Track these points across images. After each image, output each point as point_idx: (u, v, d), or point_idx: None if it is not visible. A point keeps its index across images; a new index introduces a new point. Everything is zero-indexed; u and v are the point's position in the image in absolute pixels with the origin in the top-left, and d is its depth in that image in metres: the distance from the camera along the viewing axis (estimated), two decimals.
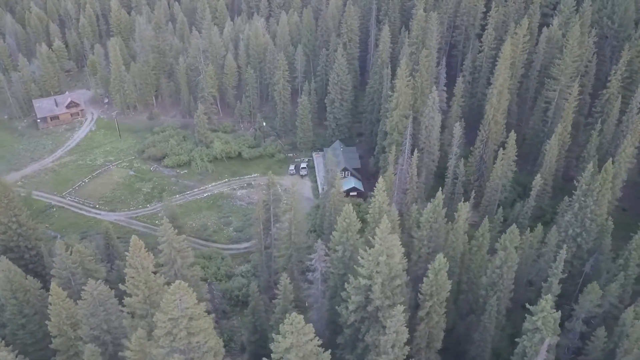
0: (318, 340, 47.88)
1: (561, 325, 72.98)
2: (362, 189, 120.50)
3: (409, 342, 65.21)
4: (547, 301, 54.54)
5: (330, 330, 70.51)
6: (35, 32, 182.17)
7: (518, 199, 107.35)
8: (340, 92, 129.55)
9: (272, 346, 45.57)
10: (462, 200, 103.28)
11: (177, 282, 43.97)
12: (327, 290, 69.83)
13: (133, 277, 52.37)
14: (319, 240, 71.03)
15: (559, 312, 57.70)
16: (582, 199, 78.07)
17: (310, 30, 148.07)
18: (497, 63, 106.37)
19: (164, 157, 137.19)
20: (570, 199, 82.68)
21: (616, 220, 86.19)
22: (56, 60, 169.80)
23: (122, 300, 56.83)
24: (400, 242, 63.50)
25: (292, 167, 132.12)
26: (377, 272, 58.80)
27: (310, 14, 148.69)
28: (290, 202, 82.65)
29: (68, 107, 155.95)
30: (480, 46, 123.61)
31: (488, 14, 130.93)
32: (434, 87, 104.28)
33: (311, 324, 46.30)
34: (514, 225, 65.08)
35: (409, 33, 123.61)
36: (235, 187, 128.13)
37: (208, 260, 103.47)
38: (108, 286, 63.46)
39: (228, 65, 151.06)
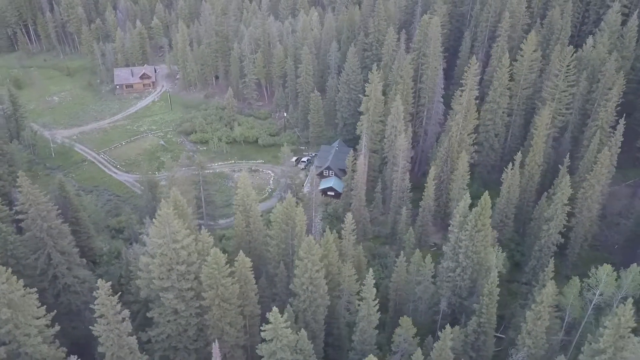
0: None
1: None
2: (340, 190, 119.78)
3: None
4: (276, 316, 53.29)
5: None
6: (143, 9, 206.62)
7: None
8: (349, 92, 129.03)
9: None
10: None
11: None
12: None
13: None
14: (147, 217, 75.45)
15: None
16: (456, 232, 71.67)
17: (350, 27, 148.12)
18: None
19: (192, 133, 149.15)
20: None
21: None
22: (147, 36, 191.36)
23: None
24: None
25: (293, 159, 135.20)
26: (161, 254, 62.05)
27: (354, 10, 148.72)
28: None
29: (141, 77, 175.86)
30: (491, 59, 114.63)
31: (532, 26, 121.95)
32: (398, 96, 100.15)
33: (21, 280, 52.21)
34: (310, 237, 62.71)
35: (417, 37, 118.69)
36: (236, 169, 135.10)
37: None
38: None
39: (276, 55, 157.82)
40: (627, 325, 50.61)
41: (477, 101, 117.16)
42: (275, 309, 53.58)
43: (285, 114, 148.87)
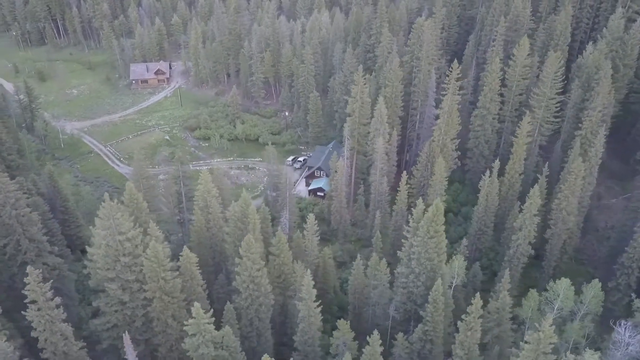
0: None
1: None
2: None
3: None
4: (198, 311, 53.88)
5: None
6: (165, 6, 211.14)
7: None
8: (346, 93, 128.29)
9: None
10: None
11: None
12: None
13: None
14: None
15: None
16: (409, 237, 70.62)
17: (356, 28, 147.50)
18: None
19: (197, 129, 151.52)
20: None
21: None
22: (165, 32, 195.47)
23: None
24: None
25: (290, 158, 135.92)
26: (106, 245, 63.61)
27: (360, 11, 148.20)
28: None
29: (156, 73, 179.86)
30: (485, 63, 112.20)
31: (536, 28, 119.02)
32: (381, 98, 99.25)
33: None
34: (249, 236, 62.77)
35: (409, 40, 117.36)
36: (233, 166, 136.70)
37: None
38: None
39: (284, 54, 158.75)
40: (549, 341, 48.90)
41: (472, 107, 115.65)
42: (197, 304, 54.18)
43: (286, 113, 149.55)
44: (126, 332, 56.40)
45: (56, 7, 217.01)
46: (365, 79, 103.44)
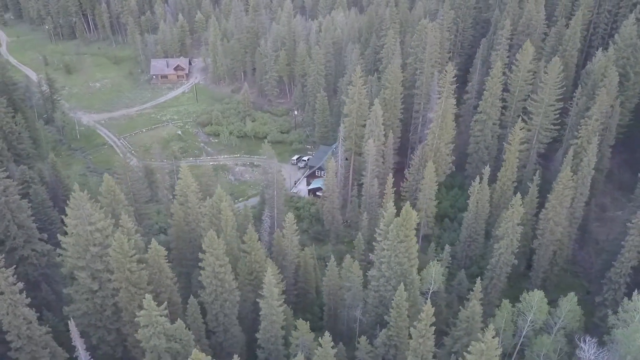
0: None
1: None
2: None
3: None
4: (150, 302, 54.66)
5: None
6: (190, 3, 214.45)
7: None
8: None
9: None
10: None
11: None
12: None
13: None
14: None
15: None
16: (379, 240, 69.85)
17: (369, 28, 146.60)
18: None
19: (208, 125, 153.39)
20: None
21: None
22: (188, 29, 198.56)
23: None
24: None
25: (294, 157, 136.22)
26: (76, 234, 65.20)
27: (372, 12, 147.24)
28: None
29: (175, 69, 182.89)
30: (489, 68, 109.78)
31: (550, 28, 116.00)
32: (376, 100, 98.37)
33: None
34: (211, 232, 63.12)
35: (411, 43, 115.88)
36: (239, 162, 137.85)
37: None
38: None
39: (299, 53, 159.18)
40: (493, 352, 47.63)
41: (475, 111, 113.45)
42: (148, 296, 54.93)
43: (296, 112, 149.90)
44: (72, 318, 57.62)
45: (87, 3, 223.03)
46: (367, 80, 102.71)
